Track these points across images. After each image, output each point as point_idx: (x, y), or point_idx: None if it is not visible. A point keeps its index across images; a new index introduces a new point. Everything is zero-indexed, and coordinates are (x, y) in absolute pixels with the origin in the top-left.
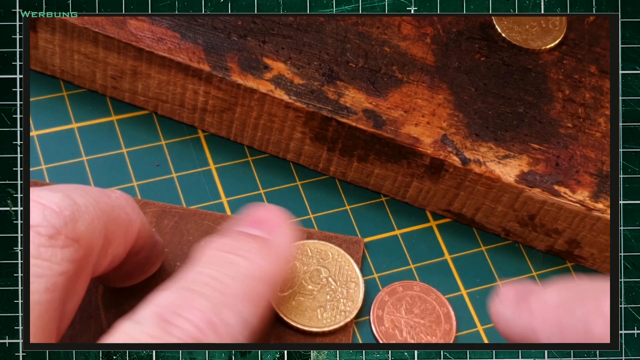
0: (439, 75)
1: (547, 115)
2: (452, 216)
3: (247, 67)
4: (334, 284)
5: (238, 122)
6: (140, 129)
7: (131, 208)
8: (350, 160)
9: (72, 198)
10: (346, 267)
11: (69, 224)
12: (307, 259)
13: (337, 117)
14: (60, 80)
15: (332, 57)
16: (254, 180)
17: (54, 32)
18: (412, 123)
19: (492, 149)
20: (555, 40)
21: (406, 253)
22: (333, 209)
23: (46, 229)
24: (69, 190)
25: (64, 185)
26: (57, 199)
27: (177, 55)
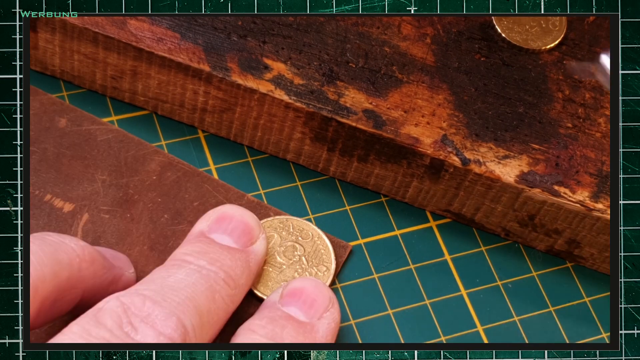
0: (439, 75)
1: (547, 115)
2: (452, 216)
3: (247, 67)
4: (305, 263)
5: (238, 122)
6: (140, 129)
7: (83, 258)
8: (350, 161)
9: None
10: (322, 251)
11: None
12: (287, 234)
13: (337, 117)
14: (60, 81)
15: (332, 57)
16: (254, 181)
17: (54, 32)
18: (412, 123)
19: (492, 149)
20: (555, 40)
21: (406, 253)
22: (333, 209)
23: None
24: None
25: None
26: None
27: (177, 55)
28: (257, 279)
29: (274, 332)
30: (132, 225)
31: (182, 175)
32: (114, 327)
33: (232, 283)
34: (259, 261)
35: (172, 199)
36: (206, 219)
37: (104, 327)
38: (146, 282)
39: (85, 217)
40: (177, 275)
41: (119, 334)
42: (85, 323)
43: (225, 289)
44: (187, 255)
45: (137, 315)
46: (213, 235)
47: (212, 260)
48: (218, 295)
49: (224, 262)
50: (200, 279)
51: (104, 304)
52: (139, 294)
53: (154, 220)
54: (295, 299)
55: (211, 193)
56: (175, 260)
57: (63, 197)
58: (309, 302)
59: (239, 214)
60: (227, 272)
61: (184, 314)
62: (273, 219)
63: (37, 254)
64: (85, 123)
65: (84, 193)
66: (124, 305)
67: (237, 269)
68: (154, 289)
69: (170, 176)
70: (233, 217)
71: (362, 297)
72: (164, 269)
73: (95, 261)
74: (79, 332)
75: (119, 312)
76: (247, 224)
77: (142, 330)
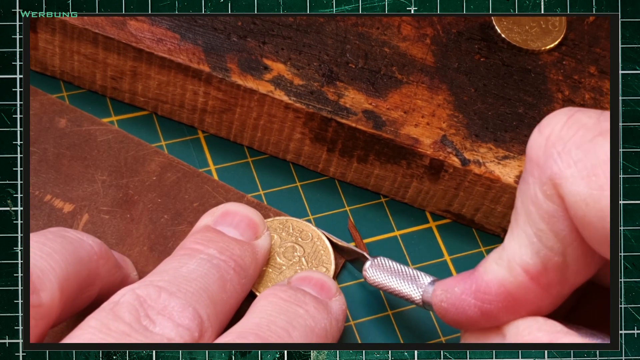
0: (438, 76)
1: (546, 115)
2: (452, 217)
3: (247, 67)
4: (305, 264)
5: (238, 122)
6: (140, 129)
7: (100, 256)
8: (350, 161)
9: (38, 266)
10: (322, 252)
11: (32, 296)
12: (287, 235)
13: (336, 117)
14: (60, 81)
15: (332, 57)
16: (254, 181)
17: (54, 33)
18: (412, 124)
19: (491, 149)
20: (555, 40)
21: (406, 254)
22: (333, 210)
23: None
24: (42, 254)
25: (40, 238)
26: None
27: (177, 56)
28: (258, 280)
29: (297, 297)
30: (132, 226)
31: (182, 175)
32: (132, 321)
33: (242, 272)
34: (264, 255)
35: (172, 200)
36: (210, 214)
37: (122, 321)
38: (159, 273)
39: (85, 217)
40: (189, 265)
41: (138, 327)
42: (104, 317)
43: (236, 278)
44: (196, 244)
45: (154, 308)
46: (219, 227)
47: (221, 249)
48: (229, 285)
49: (233, 252)
50: (212, 268)
51: (120, 297)
52: (154, 285)
53: (153, 221)
54: (305, 282)
55: (211, 194)
56: (185, 250)
57: (63, 197)
58: (319, 285)
59: (243, 210)
60: (237, 262)
61: (199, 304)
62: (273, 220)
63: (61, 253)
64: (85, 123)
65: (84, 193)
66: (140, 298)
67: (246, 259)
68: (167, 280)
69: (170, 177)
70: (237, 212)
71: (362, 297)
72: (175, 258)
73: (110, 259)
74: (97, 326)
75: (136, 305)
76: (251, 219)
77: (159, 322)
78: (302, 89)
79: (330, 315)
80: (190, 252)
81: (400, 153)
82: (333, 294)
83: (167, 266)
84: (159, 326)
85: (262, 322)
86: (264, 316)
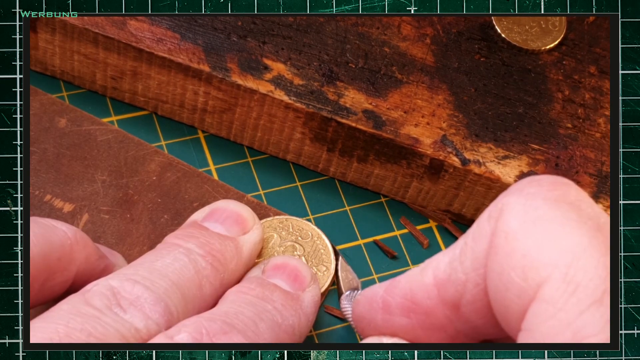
0: (438, 75)
1: (546, 115)
2: (452, 216)
3: (247, 67)
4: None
5: (238, 122)
6: (140, 129)
7: (75, 242)
8: (350, 161)
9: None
10: (322, 251)
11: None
12: (287, 234)
13: (336, 117)
14: (60, 81)
15: (332, 57)
16: (254, 181)
17: (54, 33)
18: (412, 123)
19: (491, 149)
20: (555, 40)
21: (406, 254)
22: (333, 210)
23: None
24: None
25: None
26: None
27: (177, 55)
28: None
29: (264, 295)
30: (132, 226)
31: (182, 175)
32: (103, 307)
33: (221, 267)
34: (251, 249)
35: (172, 200)
36: (201, 212)
37: (92, 307)
38: (134, 266)
39: (85, 217)
40: (165, 259)
41: (108, 313)
42: (76, 302)
43: (214, 273)
44: (176, 239)
45: (127, 299)
46: (205, 223)
47: (200, 244)
48: (205, 281)
49: (212, 247)
50: (188, 264)
51: (93, 286)
52: (128, 278)
53: (153, 221)
54: (279, 272)
55: (211, 193)
56: (164, 244)
57: (63, 197)
58: (292, 275)
59: (233, 206)
60: (215, 256)
61: (171, 299)
62: (272, 219)
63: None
64: (85, 123)
65: (84, 193)
66: (113, 288)
67: (227, 253)
68: (142, 274)
69: (170, 177)
70: (226, 208)
71: None
72: (153, 253)
73: (87, 245)
74: (68, 309)
75: (108, 294)
76: (240, 214)
77: (130, 311)
78: (302, 88)
79: (300, 310)
80: (169, 246)
81: (400, 153)
82: (306, 284)
83: (144, 259)
84: (130, 314)
85: (230, 311)
86: (233, 306)
